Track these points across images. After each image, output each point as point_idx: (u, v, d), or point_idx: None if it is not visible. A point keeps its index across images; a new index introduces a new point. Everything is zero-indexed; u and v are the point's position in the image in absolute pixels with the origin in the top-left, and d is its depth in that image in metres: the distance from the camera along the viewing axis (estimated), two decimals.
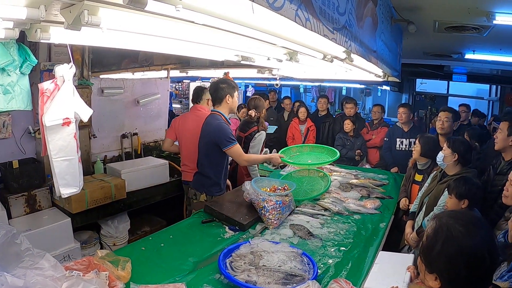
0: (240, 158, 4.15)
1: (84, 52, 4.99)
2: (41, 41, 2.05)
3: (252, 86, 15.01)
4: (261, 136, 5.49)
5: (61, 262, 3.30)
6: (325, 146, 5.02)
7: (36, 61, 2.54)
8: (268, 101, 8.74)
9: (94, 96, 5.26)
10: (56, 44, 4.18)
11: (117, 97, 5.81)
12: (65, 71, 2.58)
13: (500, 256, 2.44)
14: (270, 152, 5.80)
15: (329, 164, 5.80)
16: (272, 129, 6.91)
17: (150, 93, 6.29)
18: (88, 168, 5.23)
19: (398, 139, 6.35)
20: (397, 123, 6.57)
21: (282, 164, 4.32)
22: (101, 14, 1.60)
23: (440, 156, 3.77)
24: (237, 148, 4.07)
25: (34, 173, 4.50)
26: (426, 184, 4.11)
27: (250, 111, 5.59)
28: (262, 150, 5.58)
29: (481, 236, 1.46)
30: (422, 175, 4.46)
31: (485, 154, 4.84)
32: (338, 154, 4.59)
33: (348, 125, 6.95)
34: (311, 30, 1.94)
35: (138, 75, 6.54)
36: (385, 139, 6.63)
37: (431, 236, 1.56)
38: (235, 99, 4.23)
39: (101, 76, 5.63)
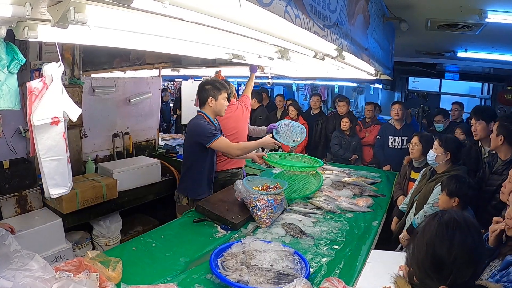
0: (230, 149, 4.00)
1: (75, 51, 4.96)
2: (29, 39, 2.02)
3: (244, 85, 14.97)
4: None
5: (53, 263, 3.28)
6: (312, 157, 4.90)
7: (25, 60, 2.51)
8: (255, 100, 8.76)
9: (85, 95, 5.23)
10: (47, 42, 4.14)
11: (109, 96, 5.79)
12: (54, 70, 2.55)
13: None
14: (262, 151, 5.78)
15: None
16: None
17: (141, 92, 6.27)
18: (79, 167, 5.20)
19: (390, 137, 6.34)
20: (389, 121, 6.56)
21: (275, 146, 4.24)
22: (88, 11, 1.58)
23: (432, 155, 3.77)
24: (222, 139, 3.92)
25: (25, 173, 4.47)
26: (417, 182, 4.12)
27: None
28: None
29: (451, 238, 1.51)
30: (418, 173, 4.46)
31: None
32: (322, 162, 4.55)
33: (346, 124, 6.93)
34: (301, 27, 1.92)
35: (130, 74, 6.51)
36: (378, 137, 6.63)
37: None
38: (220, 102, 4.09)
39: (93, 75, 5.60)
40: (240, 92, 13.64)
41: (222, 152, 4.22)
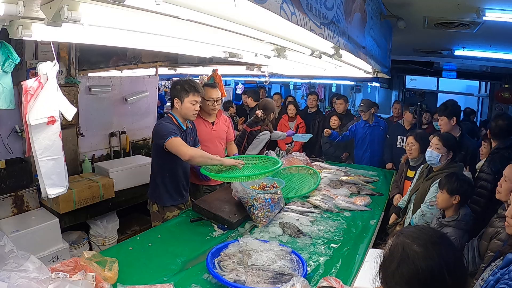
0: (180, 151, 3.56)
1: (71, 50, 4.93)
2: (23, 38, 2.00)
3: (242, 84, 15.00)
4: (264, 137, 5.52)
5: (50, 263, 3.26)
6: (269, 157, 4.29)
7: (19, 59, 2.49)
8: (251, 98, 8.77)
9: (81, 95, 5.20)
10: (42, 41, 4.12)
11: (105, 95, 5.76)
12: (49, 69, 2.54)
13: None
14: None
15: (319, 161, 5.80)
16: (306, 137, 6.68)
17: (138, 91, 6.23)
18: (76, 167, 5.18)
19: (399, 137, 6.37)
20: (399, 121, 6.62)
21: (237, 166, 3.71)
22: (81, 9, 1.57)
23: (435, 155, 3.73)
24: (176, 139, 3.58)
25: (21, 173, 4.44)
26: (414, 180, 4.12)
27: (257, 111, 5.74)
28: (264, 151, 5.58)
29: (439, 256, 1.40)
30: (414, 171, 4.47)
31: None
32: (280, 163, 3.77)
33: (335, 122, 6.97)
34: (297, 25, 1.91)
35: (127, 73, 6.49)
36: (387, 136, 6.67)
37: (387, 254, 1.52)
38: (186, 105, 3.77)
39: (89, 74, 5.57)
40: (238, 91, 13.67)
41: (174, 153, 3.66)
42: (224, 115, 4.82)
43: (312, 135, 6.73)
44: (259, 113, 5.69)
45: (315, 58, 3.25)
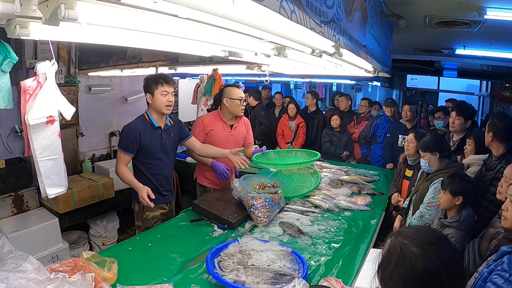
0: (116, 167, 3.77)
1: (71, 49, 4.93)
2: (21, 37, 1.99)
3: (242, 83, 14.98)
4: None
5: (49, 263, 3.25)
6: (307, 150, 4.69)
7: (17, 58, 2.48)
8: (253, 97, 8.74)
9: (81, 94, 5.21)
10: (42, 41, 4.11)
11: (105, 94, 5.77)
12: (47, 68, 2.53)
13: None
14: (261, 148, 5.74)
15: (319, 161, 5.78)
16: None
17: (138, 90, 6.23)
18: (76, 167, 5.18)
19: (400, 136, 6.36)
20: (401, 120, 6.62)
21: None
22: (79, 8, 1.55)
23: (424, 163, 3.76)
24: (121, 156, 3.72)
25: (21, 173, 4.45)
26: (416, 181, 4.11)
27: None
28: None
29: (437, 257, 1.40)
30: (412, 170, 4.47)
31: None
32: (319, 155, 4.29)
33: (336, 121, 6.97)
34: (297, 23, 1.89)
35: (127, 72, 6.49)
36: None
37: (385, 255, 1.52)
38: (157, 97, 3.66)
39: (89, 74, 5.57)
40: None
41: None
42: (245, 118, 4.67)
43: None
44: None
45: (316, 57, 3.23)
